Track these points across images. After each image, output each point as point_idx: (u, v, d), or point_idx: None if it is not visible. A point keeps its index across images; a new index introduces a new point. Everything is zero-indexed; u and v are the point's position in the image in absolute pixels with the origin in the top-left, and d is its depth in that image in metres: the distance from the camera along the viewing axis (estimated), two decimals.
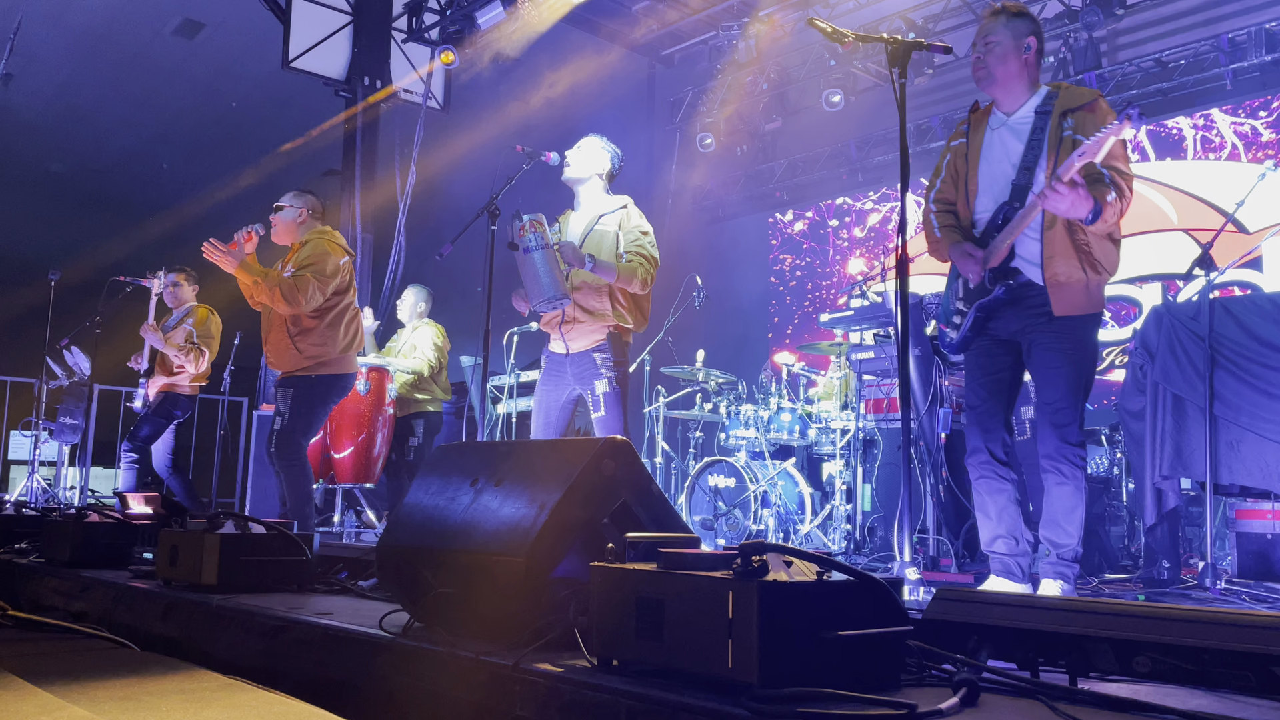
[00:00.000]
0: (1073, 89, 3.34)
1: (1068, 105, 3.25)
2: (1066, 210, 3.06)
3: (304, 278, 4.77)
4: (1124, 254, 3.36)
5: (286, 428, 4.82)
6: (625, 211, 4.33)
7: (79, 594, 3.54)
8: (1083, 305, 3.22)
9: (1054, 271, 3.21)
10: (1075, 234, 3.20)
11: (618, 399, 4.21)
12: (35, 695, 1.43)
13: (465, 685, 1.93)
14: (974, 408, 3.42)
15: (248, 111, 11.36)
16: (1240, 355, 3.97)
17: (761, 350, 10.61)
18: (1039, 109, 3.31)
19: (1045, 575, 3.28)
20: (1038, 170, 3.25)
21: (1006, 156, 3.36)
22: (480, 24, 8.13)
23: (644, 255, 4.24)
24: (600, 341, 4.25)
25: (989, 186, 3.38)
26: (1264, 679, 1.58)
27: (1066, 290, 3.20)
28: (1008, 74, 3.33)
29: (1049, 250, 3.21)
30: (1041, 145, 3.25)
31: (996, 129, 3.42)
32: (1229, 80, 7.97)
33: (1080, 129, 3.17)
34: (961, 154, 3.49)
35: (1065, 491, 3.21)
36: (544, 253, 3.99)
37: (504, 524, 2.15)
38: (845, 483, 5.91)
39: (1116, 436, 5.66)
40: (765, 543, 1.65)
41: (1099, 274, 3.23)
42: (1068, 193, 3.00)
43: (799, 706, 1.48)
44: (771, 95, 10.29)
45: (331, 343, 4.91)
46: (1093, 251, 3.22)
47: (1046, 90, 3.37)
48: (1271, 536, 4.19)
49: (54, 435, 8.46)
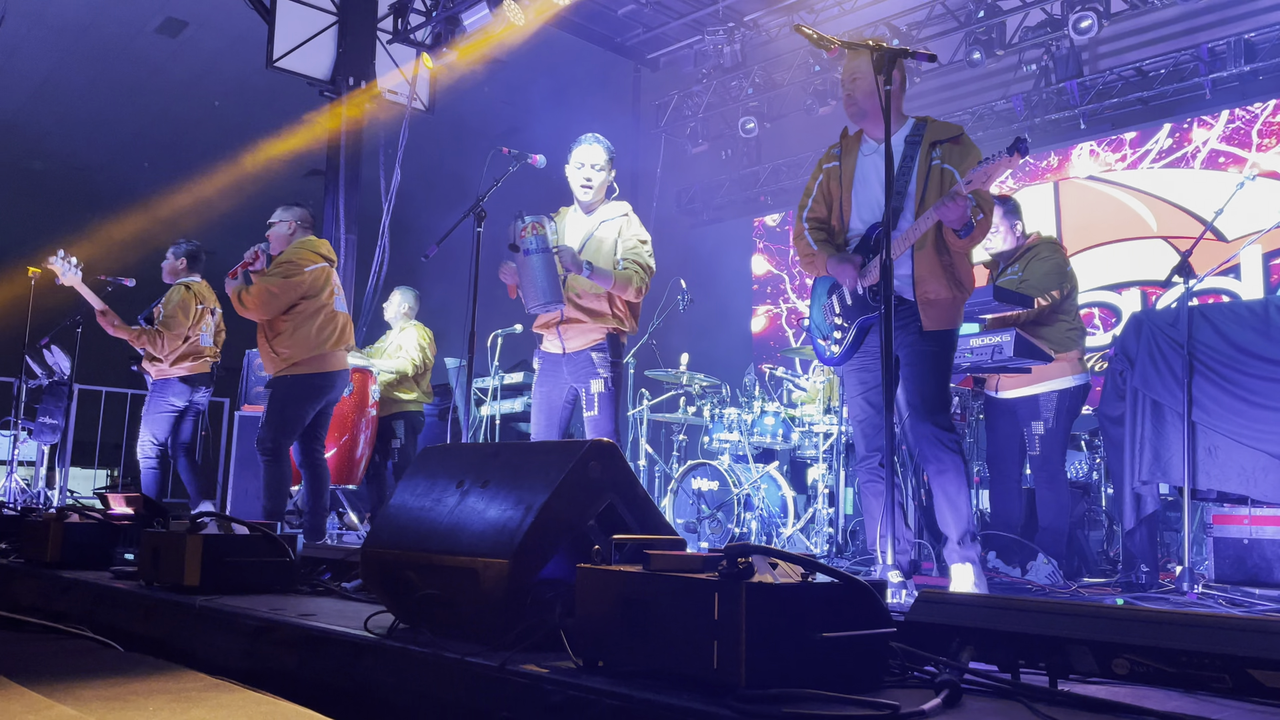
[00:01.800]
0: (938, 123, 3.59)
1: (936, 137, 3.52)
2: (957, 219, 3.27)
3: (261, 286, 5.07)
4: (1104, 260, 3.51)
5: (264, 425, 5.13)
6: (626, 219, 4.33)
7: (60, 595, 3.52)
8: (949, 320, 3.50)
9: (924, 290, 3.47)
10: (941, 255, 3.47)
11: (611, 400, 4.23)
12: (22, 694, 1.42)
13: (451, 687, 1.94)
14: (861, 421, 3.65)
15: (230, 111, 11.30)
16: (1218, 362, 4.02)
17: (745, 354, 10.64)
18: (909, 138, 3.56)
19: (952, 562, 3.45)
20: (908, 195, 3.49)
21: (878, 181, 3.52)
22: (466, 25, 8.12)
23: (640, 264, 4.25)
24: (599, 341, 4.26)
25: (861, 208, 3.62)
26: (1240, 681, 1.60)
27: (936, 307, 3.46)
28: (875, 107, 3.49)
29: (920, 270, 3.47)
30: (911, 172, 3.50)
31: (869, 155, 3.63)
32: (1208, 90, 8.06)
33: (947, 158, 3.46)
34: (835, 176, 3.70)
35: (947, 478, 3.42)
36: (543, 256, 4.01)
37: (490, 525, 2.16)
38: (828, 486, 5.94)
39: (1095, 442, 5.72)
40: (751, 545, 1.67)
41: (963, 291, 3.53)
42: (962, 203, 3.23)
43: (784, 707, 1.49)
44: (756, 100, 10.32)
45: (304, 344, 5.13)
46: (956, 270, 3.50)
47: (913, 121, 3.61)
48: (1248, 541, 4.23)
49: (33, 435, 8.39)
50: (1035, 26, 8.57)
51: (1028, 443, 4.85)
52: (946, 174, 3.43)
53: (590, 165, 4.31)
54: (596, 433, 4.19)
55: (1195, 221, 7.97)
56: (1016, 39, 8.64)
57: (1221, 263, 7.30)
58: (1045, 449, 4.76)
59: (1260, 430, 3.90)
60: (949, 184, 3.38)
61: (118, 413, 9.93)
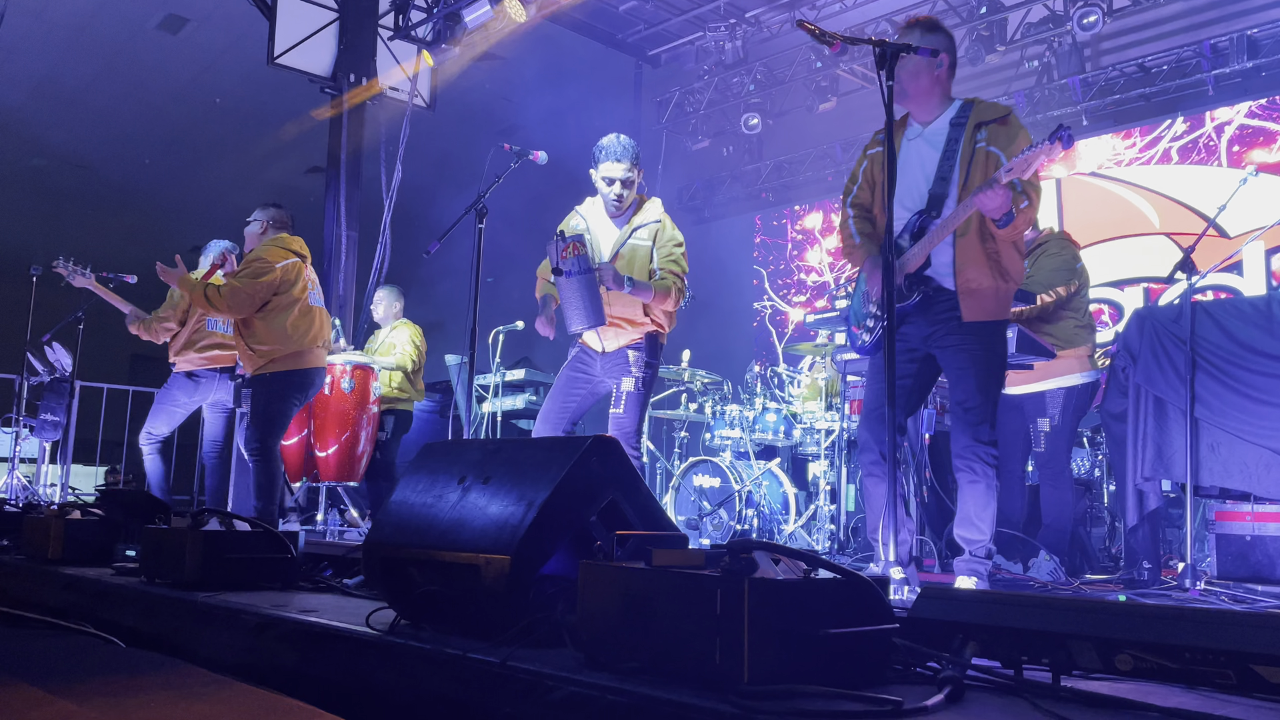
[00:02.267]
0: (985, 103, 3.46)
1: (981, 118, 3.38)
2: (996, 209, 3.17)
3: (229, 284, 5.09)
4: (1107, 257, 3.47)
5: (250, 424, 5.19)
6: (660, 225, 4.28)
7: (61, 591, 3.52)
8: (991, 311, 3.37)
9: (966, 278, 3.34)
10: (986, 243, 3.34)
11: (638, 401, 4.21)
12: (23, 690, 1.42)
13: (453, 683, 1.93)
14: (873, 409, 3.53)
15: (231, 108, 11.29)
16: (1221, 359, 4.01)
17: (747, 351, 10.64)
18: (954, 120, 3.43)
19: (960, 573, 3.41)
20: (952, 180, 3.37)
21: (921, 166, 3.47)
22: (467, 22, 8.10)
23: (675, 272, 4.22)
24: (637, 340, 4.24)
25: (905, 194, 3.49)
26: (1244, 677, 1.60)
27: (976, 296, 3.34)
28: (919, 89, 3.43)
29: (961, 258, 3.35)
30: (955, 156, 3.38)
31: (913, 139, 3.52)
32: (1211, 86, 8.04)
33: (993, 141, 3.33)
34: (879, 162, 3.57)
35: (978, 490, 3.33)
36: (585, 278, 3.95)
37: (492, 521, 2.16)
38: (829, 483, 5.93)
39: (1098, 439, 5.71)
40: (753, 540, 1.67)
41: (1007, 282, 3.39)
42: (1004, 192, 3.12)
43: (786, 703, 1.49)
44: (758, 96, 10.31)
45: (280, 339, 5.13)
46: (1001, 259, 3.36)
47: (960, 103, 3.49)
48: (1250, 538, 4.22)
49: (35, 432, 8.38)
50: (1038, 23, 8.55)
51: (1033, 439, 4.84)
52: (992, 157, 3.31)
53: (618, 181, 4.23)
54: (618, 431, 4.17)
55: (1198, 218, 7.96)
56: (1018, 35, 8.62)
57: (1224, 259, 7.29)
58: (1051, 446, 4.74)
59: (1263, 426, 3.89)
60: (994, 167, 3.26)
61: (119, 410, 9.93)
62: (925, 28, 3.46)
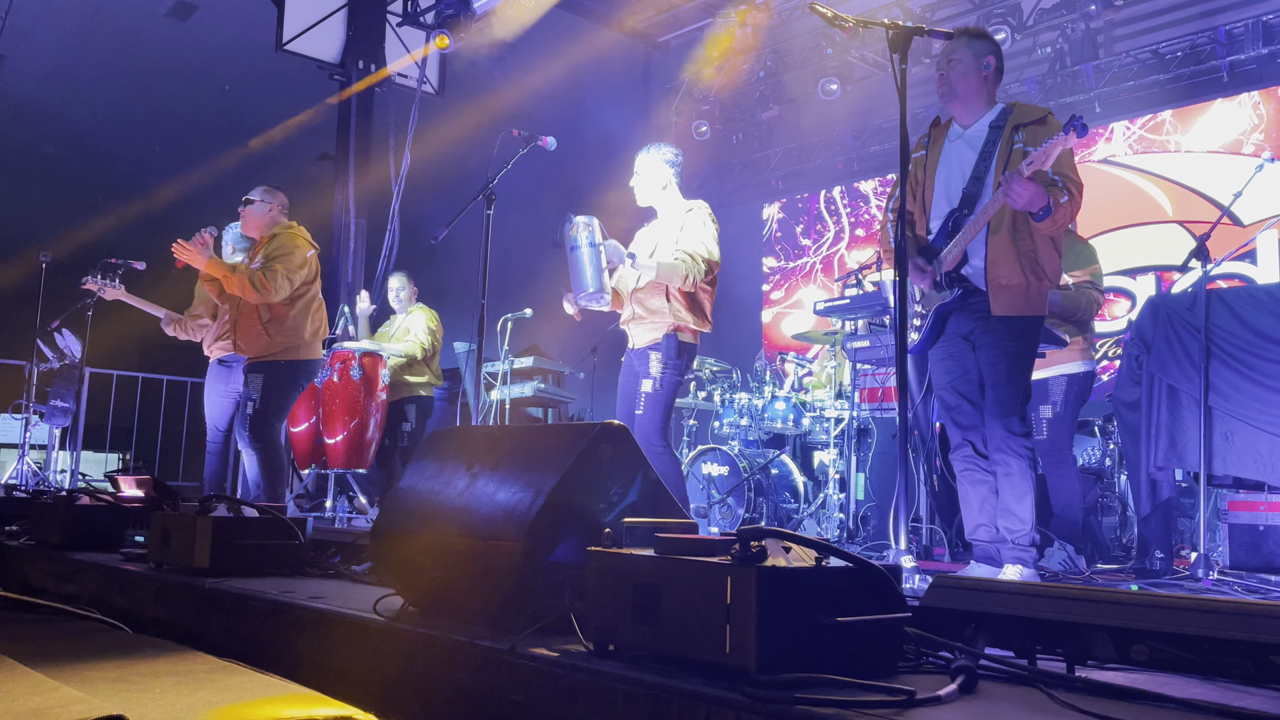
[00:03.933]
0: (1026, 106, 3.51)
1: (1020, 120, 3.44)
2: (1026, 203, 3.18)
3: (273, 269, 5.06)
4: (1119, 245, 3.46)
5: (259, 411, 5.09)
6: (690, 214, 4.36)
7: (70, 576, 3.53)
8: (1021, 307, 3.38)
9: (996, 275, 3.37)
10: (1019, 241, 3.37)
11: (657, 403, 4.22)
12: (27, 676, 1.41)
13: (461, 669, 1.92)
14: (951, 408, 3.56)
15: (240, 94, 11.28)
16: (1235, 347, 3.97)
17: (755, 339, 10.61)
18: (993, 123, 3.49)
19: (1006, 560, 3.41)
20: (987, 180, 3.41)
21: (960, 167, 3.51)
22: (476, 8, 8.07)
23: (690, 253, 4.22)
24: (656, 341, 4.27)
25: (943, 195, 3.55)
26: (1262, 667, 1.58)
27: (1005, 293, 3.37)
28: (968, 90, 3.50)
29: (993, 254, 3.38)
30: (992, 157, 3.43)
31: (954, 140, 3.59)
32: (1225, 73, 7.97)
33: (1031, 141, 3.37)
34: (921, 165, 3.63)
35: (1011, 481, 3.36)
36: (589, 250, 4.10)
37: (500, 508, 2.14)
38: (839, 471, 5.91)
39: (1110, 428, 5.67)
40: (764, 528, 1.65)
41: (1040, 280, 3.39)
42: (1030, 185, 3.14)
43: (796, 692, 1.47)
44: (768, 83, 10.25)
45: (300, 330, 5.19)
46: (1037, 257, 3.38)
47: (1002, 107, 3.56)
48: (1263, 528, 4.19)
49: (44, 418, 8.41)
50: (1051, 9, 8.48)
51: (1035, 427, 4.81)
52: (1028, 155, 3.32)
53: (634, 176, 4.48)
54: (637, 433, 4.17)
55: (1211, 206, 7.89)
56: (1032, 21, 8.55)
57: (1238, 247, 7.24)
58: (1053, 433, 4.72)
59: (1277, 416, 3.86)
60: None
61: (129, 396, 9.95)
62: (972, 35, 3.54)
